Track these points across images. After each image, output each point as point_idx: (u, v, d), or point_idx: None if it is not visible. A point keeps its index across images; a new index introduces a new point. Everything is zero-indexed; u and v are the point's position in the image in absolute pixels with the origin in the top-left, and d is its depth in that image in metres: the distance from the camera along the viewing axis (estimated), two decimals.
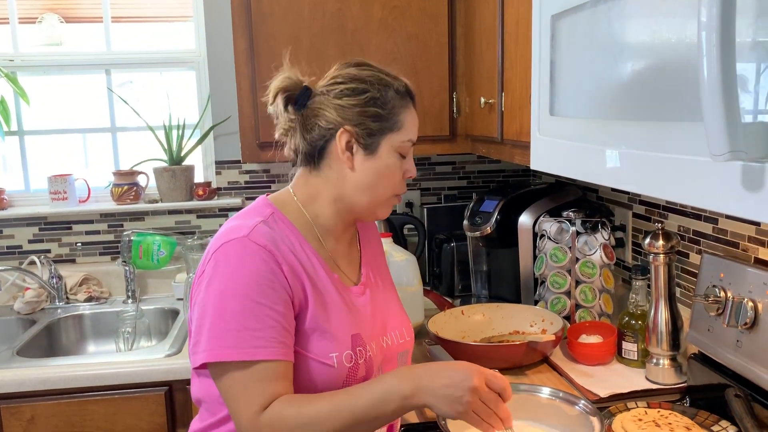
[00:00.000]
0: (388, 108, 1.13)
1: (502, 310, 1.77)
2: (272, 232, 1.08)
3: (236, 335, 1.00)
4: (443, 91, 2.02)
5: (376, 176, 1.14)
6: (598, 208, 1.85)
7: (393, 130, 1.14)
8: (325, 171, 1.15)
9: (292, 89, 1.13)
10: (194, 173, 2.41)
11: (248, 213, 1.13)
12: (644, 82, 0.86)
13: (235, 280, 1.01)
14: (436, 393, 0.99)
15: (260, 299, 1.01)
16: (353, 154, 1.12)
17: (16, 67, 2.35)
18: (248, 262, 1.02)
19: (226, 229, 1.08)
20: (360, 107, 1.12)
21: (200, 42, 2.40)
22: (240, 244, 1.04)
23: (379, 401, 0.99)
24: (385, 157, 1.14)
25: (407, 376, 1.01)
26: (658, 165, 0.81)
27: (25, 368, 1.76)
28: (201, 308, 1.04)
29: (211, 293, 1.03)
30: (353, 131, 1.11)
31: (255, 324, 1.00)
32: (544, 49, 1.17)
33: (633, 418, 1.23)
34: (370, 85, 1.13)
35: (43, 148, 2.47)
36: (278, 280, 1.03)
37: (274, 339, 1.01)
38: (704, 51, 0.63)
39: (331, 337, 1.08)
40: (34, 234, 2.36)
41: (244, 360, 0.99)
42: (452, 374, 1.00)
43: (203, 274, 1.06)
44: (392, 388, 0.99)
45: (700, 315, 1.33)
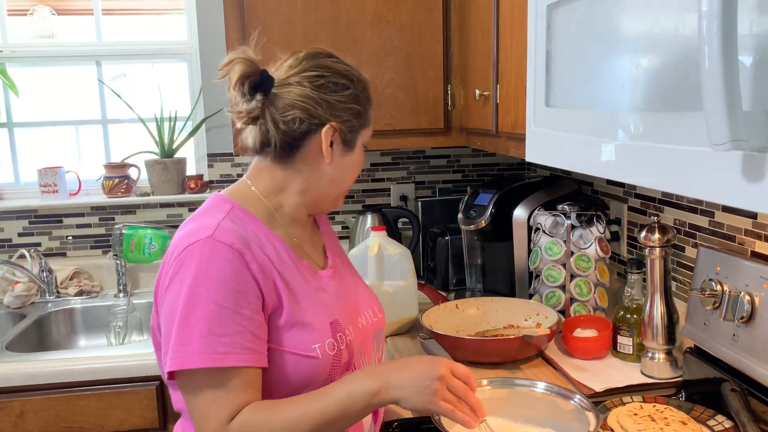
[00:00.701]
0: (363, 104, 1.15)
1: (497, 303, 1.76)
2: (237, 227, 1.04)
3: (202, 341, 0.96)
4: (438, 83, 2.01)
5: (350, 170, 1.16)
6: (594, 201, 1.84)
7: (365, 125, 1.16)
8: (298, 164, 1.12)
9: (253, 74, 1.09)
10: (186, 166, 2.39)
11: (206, 212, 1.08)
12: (642, 72, 0.84)
13: (201, 284, 0.97)
14: (402, 386, 0.99)
15: (227, 303, 0.97)
16: (333, 149, 1.12)
17: (6, 58, 2.32)
18: (214, 264, 0.99)
19: (187, 232, 1.04)
20: (346, 104, 1.11)
21: (192, 33, 2.38)
22: (204, 245, 1.00)
23: (346, 401, 0.98)
24: (358, 152, 1.16)
25: (373, 374, 1.01)
26: (656, 156, 0.79)
27: (15, 363, 1.74)
28: (167, 316, 1.00)
29: (176, 299, 0.99)
30: (339, 127, 1.11)
31: (221, 330, 0.96)
32: (539, 39, 1.15)
33: (628, 413, 1.22)
34: (350, 81, 1.13)
35: (33, 141, 2.44)
36: (246, 282, 1.00)
37: (241, 345, 0.97)
38: (705, 40, 0.62)
39: (311, 328, 1.06)
40: (23, 227, 2.33)
41: (210, 367, 0.96)
42: (417, 367, 1.01)
43: (166, 279, 1.02)
44: (358, 387, 0.99)
45: (696, 309, 1.32)
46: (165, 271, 1.04)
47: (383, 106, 1.99)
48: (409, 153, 2.45)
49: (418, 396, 0.98)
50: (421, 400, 0.98)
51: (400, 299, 1.78)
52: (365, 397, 0.98)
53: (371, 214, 2.23)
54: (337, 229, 2.45)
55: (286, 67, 1.12)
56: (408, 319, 1.81)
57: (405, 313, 1.80)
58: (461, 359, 1.40)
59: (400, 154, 2.45)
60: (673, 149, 0.76)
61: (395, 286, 1.78)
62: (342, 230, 2.45)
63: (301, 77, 1.10)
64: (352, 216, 2.34)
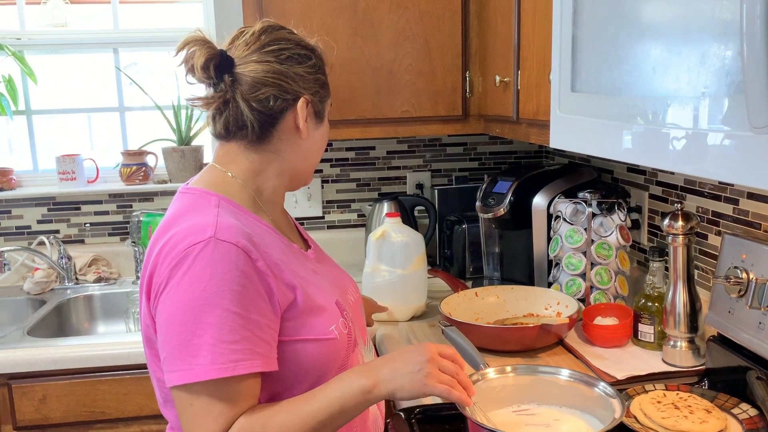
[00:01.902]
0: (324, 75, 1.13)
1: (517, 292, 1.75)
2: (237, 222, 0.99)
3: (212, 350, 0.91)
4: (456, 70, 1.99)
5: (320, 143, 1.15)
6: (614, 189, 1.82)
7: (328, 97, 1.15)
8: (275, 143, 1.08)
9: (215, 56, 1.03)
10: (203, 153, 2.39)
11: (193, 208, 1.02)
12: (674, 55, 0.83)
13: (207, 288, 0.92)
14: (395, 377, 0.98)
15: (236, 308, 0.93)
16: (308, 123, 1.10)
17: (23, 45, 2.33)
18: (219, 267, 0.93)
19: (183, 231, 0.96)
20: (313, 74, 1.09)
21: (209, 21, 2.37)
22: (207, 246, 0.93)
23: (340, 399, 0.96)
24: (326, 123, 1.16)
25: (364, 371, 1.00)
26: (689, 141, 0.78)
27: (37, 348, 1.76)
28: (166, 321, 0.94)
29: (177, 304, 0.93)
30: (312, 99, 1.09)
31: (231, 336, 0.92)
32: (565, 24, 1.14)
33: (652, 401, 1.21)
34: (311, 51, 1.11)
35: (51, 128, 2.45)
36: (254, 284, 0.95)
37: (251, 351, 0.93)
38: (747, 21, 0.61)
39: (323, 311, 1.05)
40: (42, 214, 2.35)
41: (222, 377, 0.91)
42: (404, 356, 1.01)
43: (163, 283, 0.95)
44: (351, 385, 0.97)
45: (720, 297, 1.31)
46: (160, 273, 0.96)
47: (401, 93, 1.98)
48: (425, 141, 2.44)
49: (412, 382, 0.97)
50: (417, 385, 0.97)
51: (398, 287, 1.78)
52: (359, 395, 0.97)
53: (387, 202, 2.22)
54: (353, 217, 2.45)
55: (242, 44, 1.06)
56: (409, 308, 1.81)
57: (414, 301, 1.80)
58: (479, 347, 1.40)
59: (416, 142, 2.44)
60: (707, 134, 0.75)
61: (393, 273, 1.78)
62: (358, 218, 2.45)
63: (263, 53, 1.05)
64: (368, 204, 2.33)
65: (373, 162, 2.43)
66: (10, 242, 2.32)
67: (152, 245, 1.01)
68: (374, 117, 1.98)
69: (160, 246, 0.98)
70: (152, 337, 1.02)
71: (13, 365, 1.71)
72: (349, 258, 2.34)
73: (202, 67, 1.03)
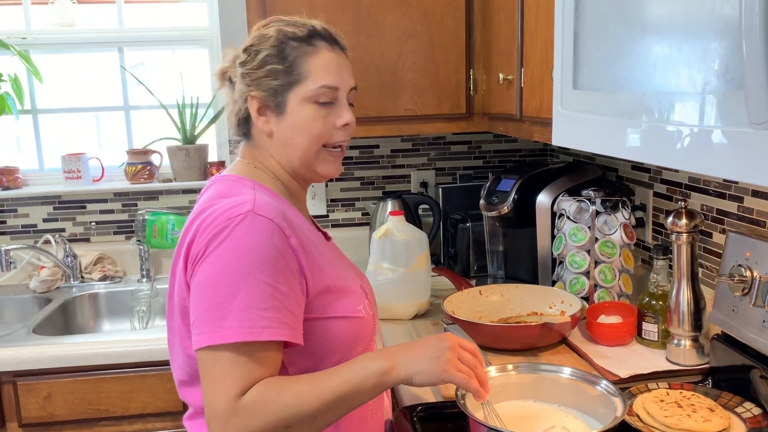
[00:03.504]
0: (288, 60, 1.08)
1: (521, 290, 1.75)
2: (273, 201, 1.03)
3: (241, 315, 0.94)
4: (460, 68, 1.99)
5: (292, 133, 1.10)
6: (618, 187, 1.82)
7: (298, 82, 1.09)
8: (257, 140, 1.14)
9: (231, 67, 1.14)
10: (208, 152, 2.40)
11: (231, 190, 1.07)
12: (675, 51, 0.83)
13: (242, 257, 0.96)
14: (414, 361, 1.00)
15: (267, 279, 0.96)
16: (267, 118, 1.11)
17: (29, 44, 2.34)
18: (255, 239, 0.97)
19: (223, 206, 1.00)
20: (260, 69, 1.09)
21: (213, 19, 2.38)
22: (246, 218, 0.98)
23: (357, 378, 0.98)
24: (296, 111, 1.09)
25: (383, 353, 1.02)
26: (689, 138, 0.78)
27: (42, 346, 1.77)
28: (201, 286, 0.97)
29: (212, 270, 0.97)
30: (259, 96, 1.09)
31: (261, 304, 0.95)
32: (567, 21, 1.13)
33: (654, 399, 1.21)
34: (266, 41, 1.10)
35: (57, 127, 2.46)
36: (286, 258, 0.99)
37: (279, 320, 0.96)
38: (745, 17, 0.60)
39: (352, 292, 1.10)
40: (48, 213, 2.36)
41: (247, 341, 0.94)
42: (426, 342, 1.03)
43: (201, 250, 0.98)
44: (369, 366, 0.99)
45: (724, 295, 1.30)
46: (198, 243, 0.99)
47: (404, 91, 1.97)
48: (429, 139, 2.44)
49: (431, 368, 0.99)
50: (435, 370, 0.99)
51: (401, 285, 1.78)
52: (375, 375, 0.98)
53: (391, 200, 2.22)
54: (357, 216, 2.45)
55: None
56: (412, 306, 1.81)
57: (407, 298, 1.80)
58: (482, 345, 1.40)
59: (420, 141, 2.44)
60: (705, 130, 0.74)
61: (395, 272, 1.78)
62: (362, 216, 2.45)
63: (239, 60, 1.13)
64: (372, 202, 2.33)
65: (377, 160, 2.43)
66: (16, 240, 2.34)
67: (189, 224, 1.05)
68: (378, 115, 1.97)
69: (200, 219, 1.01)
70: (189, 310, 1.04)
71: (19, 363, 1.73)
72: (353, 256, 2.31)
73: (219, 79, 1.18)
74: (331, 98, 1.11)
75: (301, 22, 1.12)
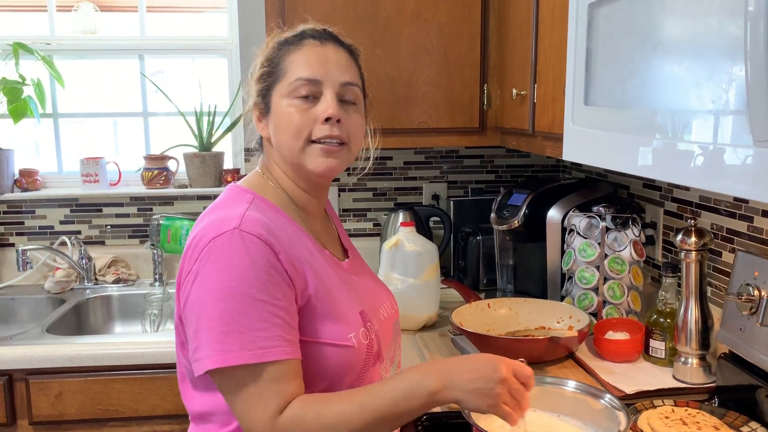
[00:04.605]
0: (274, 63, 1.10)
1: (529, 304, 1.75)
2: (263, 217, 1.01)
3: (240, 337, 0.92)
4: (474, 82, 2.01)
5: (276, 131, 1.09)
6: (629, 204, 1.82)
7: (278, 80, 1.09)
8: (265, 149, 1.16)
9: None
10: (224, 160, 2.43)
11: (227, 203, 1.06)
12: (684, 70, 0.84)
13: (232, 277, 0.94)
14: (465, 388, 0.95)
15: (261, 296, 0.94)
16: (264, 123, 1.12)
17: (53, 50, 2.39)
18: (243, 255, 0.95)
19: (210, 223, 1.00)
20: (252, 76, 1.13)
21: (233, 30, 2.42)
22: (232, 237, 0.96)
23: (405, 398, 0.94)
24: (277, 109, 1.08)
25: (432, 372, 0.97)
26: (696, 155, 0.79)
27: (55, 345, 1.79)
28: (196, 311, 0.96)
29: (206, 294, 0.95)
30: (255, 102, 1.12)
31: (259, 324, 0.93)
32: (580, 37, 1.15)
33: (660, 416, 1.21)
34: (264, 50, 1.13)
35: (77, 131, 2.50)
36: (277, 272, 0.97)
37: (280, 338, 0.94)
38: (750, 38, 0.62)
39: (345, 318, 1.04)
40: (65, 215, 2.40)
41: (252, 363, 0.92)
42: (479, 367, 0.97)
43: (192, 274, 0.97)
44: (418, 384, 0.95)
45: (732, 314, 1.30)
46: (188, 264, 0.99)
47: (418, 104, 2.00)
48: (442, 152, 2.46)
49: (480, 399, 0.95)
50: (484, 403, 0.95)
51: (409, 296, 1.79)
52: (424, 396, 0.95)
53: (402, 211, 2.24)
54: (368, 226, 2.47)
55: None
56: (420, 318, 1.82)
57: (416, 309, 1.81)
58: None
59: (433, 154, 2.46)
60: (715, 148, 0.75)
61: (405, 282, 1.80)
62: (374, 227, 2.47)
63: None
64: (383, 213, 2.35)
65: (390, 172, 2.45)
66: (33, 241, 2.37)
67: (190, 234, 1.05)
68: (391, 127, 1.99)
69: (190, 238, 1.02)
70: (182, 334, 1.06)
71: (32, 361, 1.75)
72: None
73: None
74: (312, 92, 1.06)
75: (299, 27, 1.13)
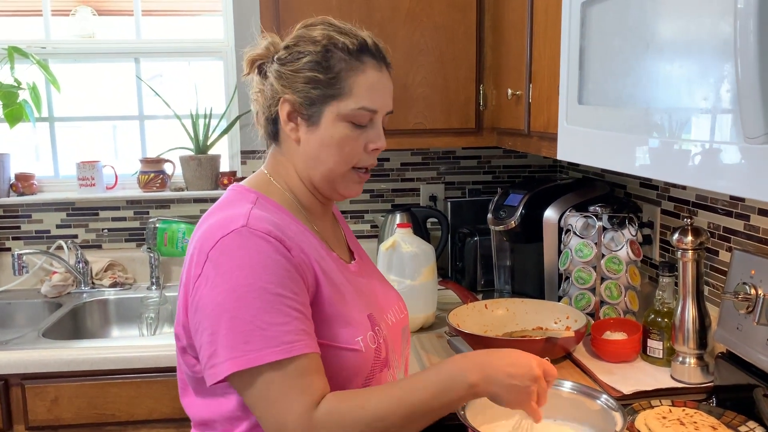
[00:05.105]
0: (333, 72, 1.01)
1: (526, 305, 1.75)
2: (269, 215, 0.98)
3: (263, 334, 0.88)
4: (470, 83, 2.01)
5: (320, 148, 1.03)
6: (626, 204, 1.82)
7: (337, 97, 1.01)
8: (284, 145, 1.08)
9: (265, 57, 1.07)
10: (220, 162, 2.43)
11: (232, 203, 1.03)
12: (676, 68, 0.84)
13: (246, 275, 0.90)
14: (501, 383, 0.94)
15: (278, 290, 0.91)
16: (297, 125, 1.04)
17: (48, 54, 2.39)
18: (254, 251, 0.92)
19: (215, 223, 0.97)
20: (299, 73, 1.01)
21: (228, 32, 2.41)
22: (241, 235, 0.93)
23: (443, 391, 0.92)
24: (330, 127, 1.02)
25: (471, 365, 0.95)
26: (690, 153, 0.79)
27: (51, 350, 1.79)
28: (210, 315, 0.91)
29: (220, 295, 0.91)
30: (293, 100, 1.02)
31: (280, 318, 0.90)
32: (573, 37, 1.15)
33: (657, 416, 1.20)
34: (314, 45, 1.02)
35: (73, 135, 2.50)
36: (292, 265, 0.94)
37: (303, 331, 0.91)
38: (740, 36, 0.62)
39: (353, 320, 1.02)
40: (62, 219, 2.39)
41: (278, 360, 0.88)
42: (515, 362, 0.96)
43: (201, 278, 0.93)
44: (457, 377, 0.93)
45: (729, 313, 1.30)
46: (195, 268, 0.95)
47: (414, 105, 1.99)
48: (439, 153, 2.45)
49: (515, 395, 0.95)
50: (518, 400, 0.95)
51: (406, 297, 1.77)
52: (464, 388, 0.93)
53: (400, 213, 2.23)
54: (365, 228, 2.46)
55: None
56: (426, 317, 1.82)
57: (421, 311, 1.81)
58: None
59: (430, 155, 2.45)
60: (707, 146, 0.75)
61: (401, 284, 1.79)
62: (371, 229, 2.46)
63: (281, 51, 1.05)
64: (381, 215, 2.35)
65: (387, 173, 2.45)
66: (29, 246, 2.37)
67: (192, 236, 1.02)
68: (388, 128, 1.97)
69: (194, 241, 0.99)
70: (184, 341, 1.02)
71: (27, 366, 1.75)
72: None
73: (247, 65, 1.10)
74: (368, 121, 1.05)
75: (352, 32, 1.04)
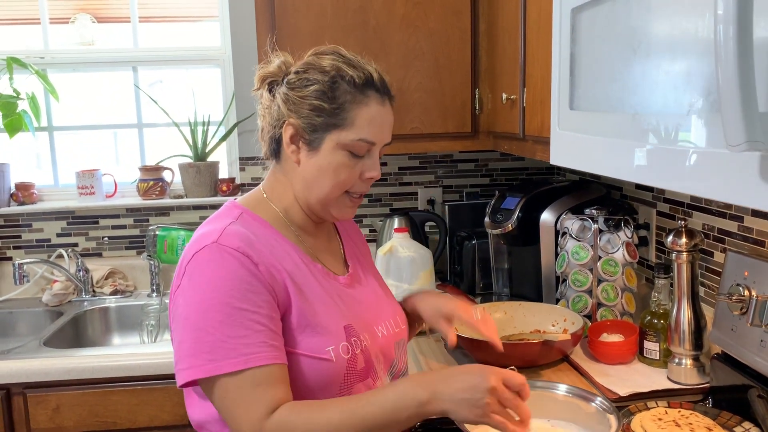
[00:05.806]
0: (337, 102, 1.06)
1: (524, 308, 1.75)
2: (243, 231, 1.03)
3: (223, 345, 0.95)
4: (465, 87, 2.02)
5: (318, 172, 1.08)
6: (622, 206, 1.83)
7: (339, 126, 1.07)
8: (284, 165, 1.13)
9: (276, 75, 1.12)
10: (219, 169, 2.44)
11: (216, 218, 1.10)
12: (663, 74, 0.85)
13: (213, 288, 0.97)
14: (453, 398, 0.95)
15: (242, 305, 0.97)
16: (299, 148, 1.09)
17: (47, 64, 2.40)
18: (222, 267, 0.99)
19: (196, 238, 1.05)
20: (306, 100, 1.07)
21: (225, 39, 2.43)
22: (211, 251, 1.00)
23: (393, 408, 0.95)
24: (328, 154, 1.07)
25: (422, 382, 0.98)
26: (676, 158, 0.79)
27: (52, 358, 1.80)
28: (180, 323, 1.00)
29: (188, 306, 0.99)
30: (297, 125, 1.07)
31: (241, 331, 0.96)
32: (564, 42, 1.16)
33: (653, 418, 1.21)
34: (322, 74, 1.07)
35: (72, 144, 2.52)
36: (258, 281, 0.99)
37: (263, 343, 0.97)
38: (721, 42, 0.62)
39: (323, 330, 1.05)
40: (62, 228, 2.41)
41: (235, 370, 0.95)
42: (468, 377, 0.97)
43: (178, 288, 1.02)
44: (406, 395, 0.96)
45: (724, 314, 1.31)
46: (176, 279, 1.04)
47: (410, 110, 2.00)
48: (436, 157, 2.46)
49: (468, 409, 0.95)
50: (472, 414, 0.95)
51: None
52: (413, 406, 0.96)
53: (398, 217, 2.25)
54: (364, 232, 2.47)
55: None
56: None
57: None
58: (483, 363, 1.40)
59: (427, 158, 2.46)
60: (693, 151, 0.76)
61: (399, 288, 1.80)
62: (369, 233, 2.47)
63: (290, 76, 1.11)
64: (379, 219, 2.36)
65: (385, 178, 2.46)
66: (30, 255, 2.38)
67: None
68: None
69: (184, 251, 1.06)
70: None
71: (29, 374, 1.76)
72: None
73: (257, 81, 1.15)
74: (366, 151, 1.09)
75: (360, 65, 1.10)
